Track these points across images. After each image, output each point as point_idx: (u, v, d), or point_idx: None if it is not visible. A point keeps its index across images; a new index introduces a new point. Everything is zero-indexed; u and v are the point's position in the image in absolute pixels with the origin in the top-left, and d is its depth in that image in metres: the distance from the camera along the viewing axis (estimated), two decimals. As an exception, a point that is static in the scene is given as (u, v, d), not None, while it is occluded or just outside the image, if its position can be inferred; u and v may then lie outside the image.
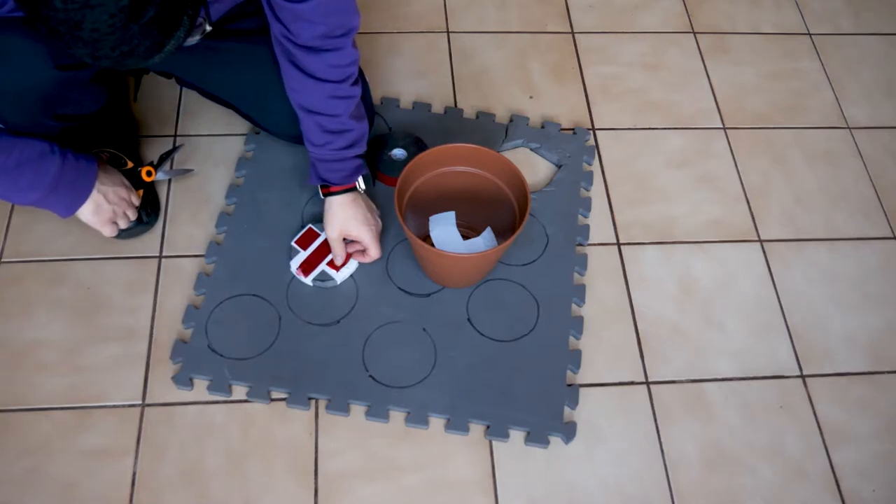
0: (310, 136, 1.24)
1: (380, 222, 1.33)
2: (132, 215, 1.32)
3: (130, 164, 1.35)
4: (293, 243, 1.33)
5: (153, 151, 1.45)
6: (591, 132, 1.58)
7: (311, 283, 1.30)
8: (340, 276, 1.31)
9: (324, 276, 1.30)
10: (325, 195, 1.27)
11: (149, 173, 1.35)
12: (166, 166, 1.40)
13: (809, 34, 1.80)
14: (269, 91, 1.30)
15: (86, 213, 1.25)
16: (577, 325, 1.32)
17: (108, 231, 1.29)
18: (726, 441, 1.25)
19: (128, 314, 1.29)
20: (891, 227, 1.51)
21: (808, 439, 1.26)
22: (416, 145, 1.44)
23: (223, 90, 1.38)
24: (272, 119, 1.37)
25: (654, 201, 1.50)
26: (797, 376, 1.32)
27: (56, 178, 1.16)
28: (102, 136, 1.35)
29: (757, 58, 1.74)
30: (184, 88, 1.53)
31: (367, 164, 1.44)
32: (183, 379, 1.22)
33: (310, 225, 1.35)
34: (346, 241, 1.31)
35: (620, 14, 1.79)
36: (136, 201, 1.33)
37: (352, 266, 1.32)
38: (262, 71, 1.29)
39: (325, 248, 1.32)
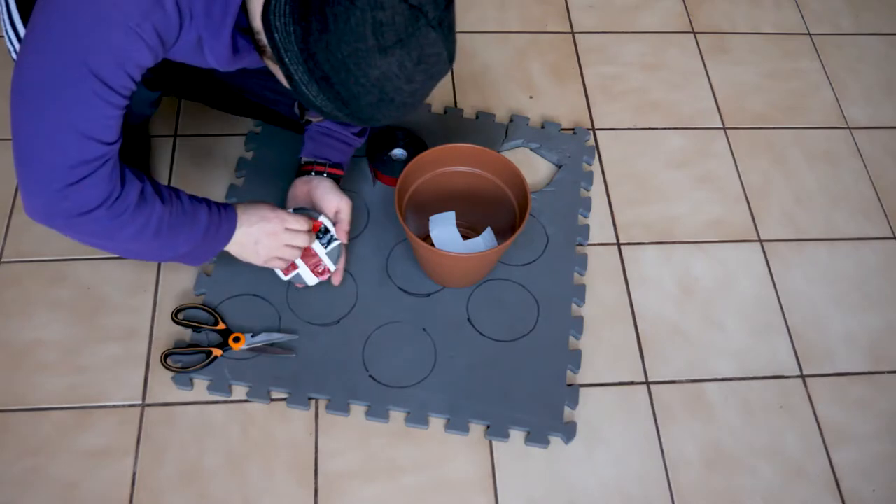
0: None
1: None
2: (302, 242, 1.19)
3: (223, 326, 1.26)
4: None
5: (151, 152, 1.45)
6: (591, 132, 1.58)
7: (285, 279, 1.25)
8: (314, 280, 1.25)
9: (298, 279, 1.25)
10: (320, 174, 1.27)
11: (236, 339, 1.24)
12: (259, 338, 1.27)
13: (809, 34, 1.80)
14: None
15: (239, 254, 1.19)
16: (577, 325, 1.32)
17: (279, 267, 1.22)
18: (726, 441, 1.25)
19: (128, 314, 1.29)
20: (891, 227, 1.51)
21: (808, 439, 1.26)
22: (416, 145, 1.44)
23: (245, 78, 1.36)
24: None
25: (654, 201, 1.50)
26: (797, 376, 1.32)
27: (206, 227, 1.09)
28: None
29: (757, 58, 1.74)
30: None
31: (368, 163, 1.44)
32: (183, 379, 1.22)
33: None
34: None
35: (620, 14, 1.79)
36: (297, 226, 1.18)
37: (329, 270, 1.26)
38: None
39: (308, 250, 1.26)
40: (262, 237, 1.16)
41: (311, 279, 1.25)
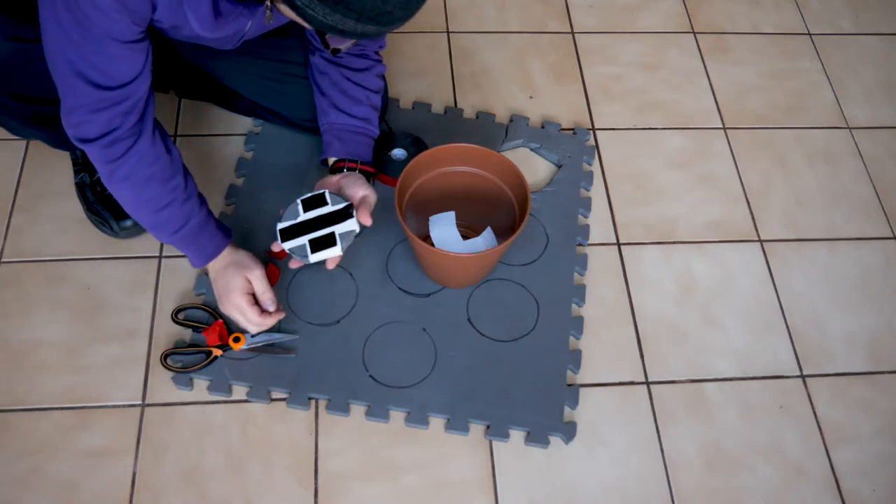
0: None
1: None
2: (249, 318, 1.20)
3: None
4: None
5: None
6: (591, 132, 1.58)
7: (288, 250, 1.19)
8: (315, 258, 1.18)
9: (302, 252, 1.17)
10: (351, 170, 1.27)
11: (236, 339, 1.24)
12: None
13: (809, 34, 1.80)
14: (295, 77, 1.35)
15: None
16: (577, 325, 1.32)
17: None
18: (726, 441, 1.25)
19: (128, 314, 1.29)
20: (891, 227, 1.51)
21: (808, 439, 1.26)
22: (416, 145, 1.44)
23: (246, 84, 1.39)
24: (294, 104, 1.39)
25: (654, 201, 1.50)
26: (797, 376, 1.32)
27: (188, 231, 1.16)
28: None
29: (757, 58, 1.74)
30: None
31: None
32: (183, 379, 1.22)
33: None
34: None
35: (620, 14, 1.79)
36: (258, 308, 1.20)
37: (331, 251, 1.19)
38: (290, 58, 1.34)
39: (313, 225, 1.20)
40: (231, 267, 1.20)
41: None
